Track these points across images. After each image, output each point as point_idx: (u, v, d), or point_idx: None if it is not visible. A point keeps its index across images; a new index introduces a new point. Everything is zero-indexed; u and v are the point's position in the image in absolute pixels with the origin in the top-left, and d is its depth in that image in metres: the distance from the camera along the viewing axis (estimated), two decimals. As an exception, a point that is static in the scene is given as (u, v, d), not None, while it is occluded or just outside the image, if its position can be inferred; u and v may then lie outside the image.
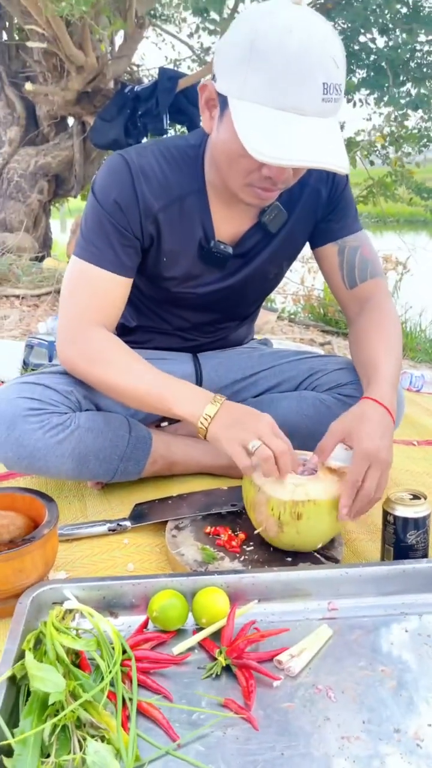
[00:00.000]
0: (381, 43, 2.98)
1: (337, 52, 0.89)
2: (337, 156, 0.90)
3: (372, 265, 1.22)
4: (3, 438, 1.11)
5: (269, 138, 0.87)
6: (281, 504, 0.97)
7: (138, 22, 3.44)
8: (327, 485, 0.99)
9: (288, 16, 0.88)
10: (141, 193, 1.07)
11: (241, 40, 0.89)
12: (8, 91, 3.76)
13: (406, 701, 0.78)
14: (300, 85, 0.86)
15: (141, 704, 0.76)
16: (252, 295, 1.31)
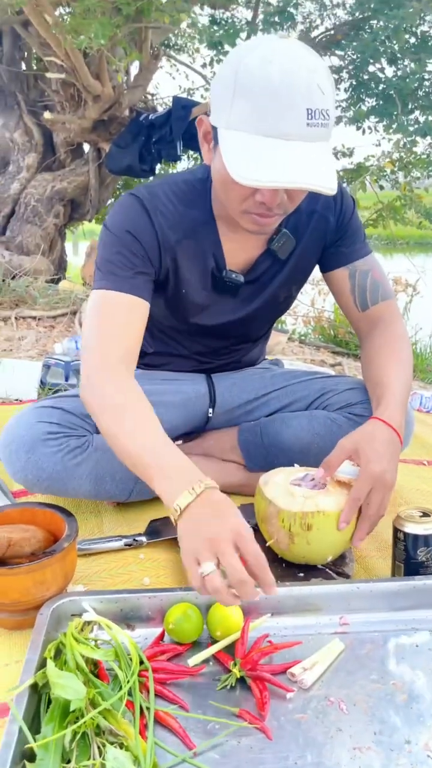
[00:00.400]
0: (390, 72, 3.07)
1: (322, 80, 0.90)
2: (323, 177, 0.90)
3: (383, 288, 1.24)
4: (23, 462, 1.14)
5: (252, 162, 0.89)
6: (291, 515, 1.00)
7: (153, 54, 3.54)
8: (336, 497, 1.02)
9: (272, 48, 0.90)
10: (159, 226, 1.09)
11: (227, 74, 0.92)
12: (27, 119, 3.87)
13: (416, 713, 0.80)
14: (282, 111, 0.88)
15: (158, 713, 0.79)
16: (264, 319, 1.33)
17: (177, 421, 1.33)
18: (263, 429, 1.32)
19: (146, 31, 3.24)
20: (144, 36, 3.29)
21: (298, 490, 1.03)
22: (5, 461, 1.17)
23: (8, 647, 0.94)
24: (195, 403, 1.35)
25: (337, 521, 1.00)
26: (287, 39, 0.93)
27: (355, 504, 1.01)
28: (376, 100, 3.06)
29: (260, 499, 1.07)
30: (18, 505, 1.07)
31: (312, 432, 1.27)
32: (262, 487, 1.07)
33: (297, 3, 2.86)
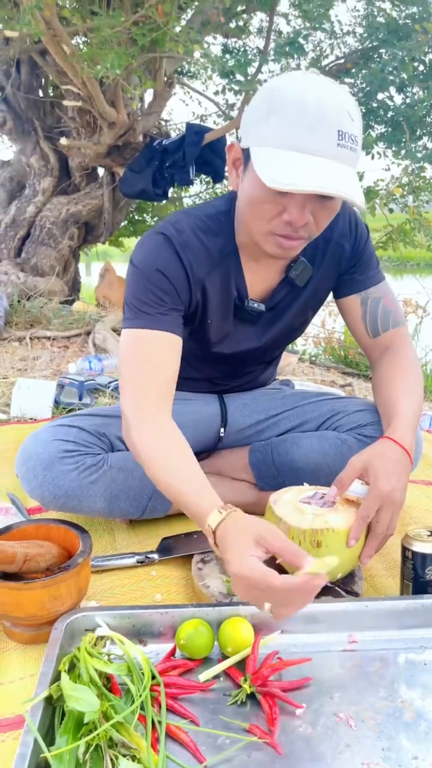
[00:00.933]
0: (399, 100, 3.14)
1: (352, 108, 0.95)
2: (350, 187, 0.93)
3: (394, 315, 1.26)
4: (40, 479, 1.17)
5: (283, 169, 0.92)
6: (301, 533, 1.00)
7: (167, 81, 3.63)
8: (346, 515, 1.03)
9: (305, 79, 0.96)
10: (188, 263, 1.10)
11: (262, 97, 0.97)
12: (43, 144, 3.96)
13: (424, 731, 0.81)
14: (315, 129, 0.92)
15: (169, 727, 0.80)
16: (280, 344, 1.36)
17: (189, 440, 1.35)
18: (274, 449, 1.34)
19: (161, 60, 3.33)
20: (158, 65, 3.38)
21: (307, 508, 1.04)
22: (22, 478, 1.20)
23: (23, 661, 0.96)
24: (207, 422, 1.37)
25: (346, 539, 1.01)
26: (316, 74, 0.98)
27: (364, 521, 1.02)
28: (385, 127, 3.12)
29: (270, 516, 1.07)
30: (34, 521, 1.09)
31: (322, 452, 1.29)
32: (272, 505, 1.08)
33: (307, 34, 2.94)
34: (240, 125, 1.06)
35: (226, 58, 3.26)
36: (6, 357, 2.87)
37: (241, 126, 1.03)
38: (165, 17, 2.54)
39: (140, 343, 1.08)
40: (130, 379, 1.07)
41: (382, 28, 2.82)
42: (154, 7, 2.54)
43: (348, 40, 3.58)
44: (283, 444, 1.33)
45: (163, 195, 3.66)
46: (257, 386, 1.45)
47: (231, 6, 2.99)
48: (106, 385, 2.30)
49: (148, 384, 1.06)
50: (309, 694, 0.87)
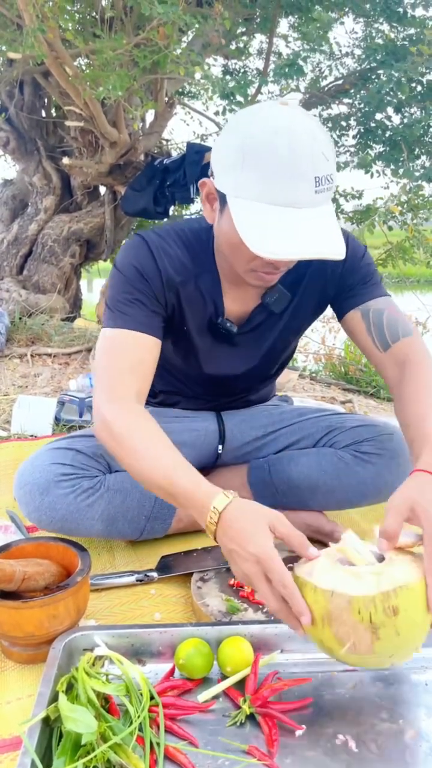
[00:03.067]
0: (397, 120, 3.18)
1: (325, 147, 0.93)
2: (333, 244, 0.93)
3: (402, 324, 1.19)
4: (37, 503, 1.17)
5: (267, 234, 0.91)
6: (369, 602, 0.75)
7: (168, 102, 3.68)
8: (408, 565, 0.81)
9: (275, 117, 0.93)
10: (163, 266, 1.12)
11: (233, 143, 0.94)
12: (46, 163, 4.01)
13: (425, 751, 0.80)
14: (292, 182, 0.91)
15: (168, 749, 0.79)
16: (267, 368, 1.35)
17: (188, 458, 1.33)
18: (272, 466, 1.34)
19: (162, 81, 3.38)
20: (159, 86, 3.42)
21: (359, 568, 0.81)
22: (20, 502, 1.19)
23: (21, 681, 0.95)
24: (205, 440, 1.37)
25: (423, 594, 0.78)
26: (287, 106, 0.96)
27: None
28: (383, 147, 3.16)
29: (311, 595, 0.80)
30: (33, 539, 1.09)
31: (320, 469, 1.29)
32: (307, 578, 0.81)
33: (306, 56, 2.99)
34: (212, 162, 1.02)
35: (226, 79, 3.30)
36: (7, 374, 2.87)
37: (213, 163, 1.00)
38: (166, 40, 2.58)
39: (117, 342, 1.08)
40: (105, 373, 1.06)
41: (380, 49, 2.87)
42: (156, 30, 2.58)
43: (346, 61, 3.64)
44: (281, 461, 1.33)
45: (164, 213, 3.69)
46: (255, 403, 1.45)
47: (231, 29, 3.04)
48: (107, 402, 2.29)
49: (124, 379, 1.05)
50: (309, 715, 0.86)
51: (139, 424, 1.01)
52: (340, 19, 3.26)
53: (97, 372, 1.09)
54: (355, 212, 3.77)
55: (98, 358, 1.11)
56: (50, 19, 2.58)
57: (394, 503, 0.88)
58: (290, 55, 3.02)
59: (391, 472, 1.25)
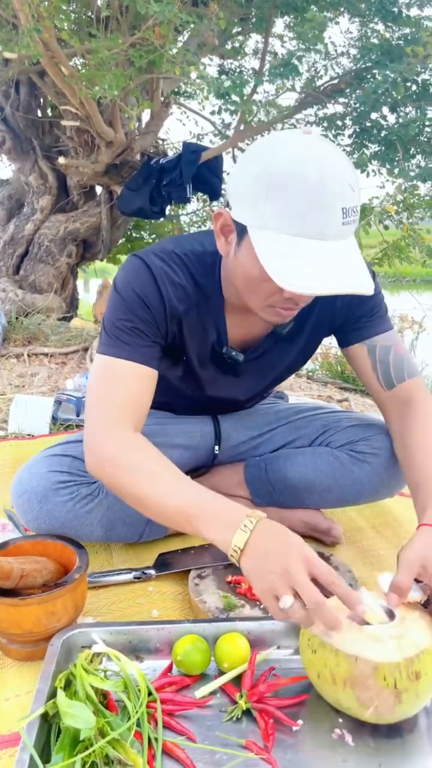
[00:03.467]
0: (392, 119, 3.18)
1: (351, 178, 0.89)
2: (361, 278, 0.90)
3: (408, 364, 1.18)
4: (36, 511, 1.16)
5: (294, 267, 0.87)
6: (395, 668, 0.78)
7: (164, 102, 3.68)
8: (423, 626, 0.85)
9: (301, 146, 0.89)
10: (166, 294, 1.07)
11: (256, 172, 0.89)
12: (42, 163, 4.01)
13: (420, 746, 0.81)
14: (321, 213, 0.87)
15: (166, 744, 0.80)
16: (270, 390, 1.34)
17: (185, 459, 1.36)
18: (268, 465, 1.34)
19: (158, 81, 3.38)
20: (155, 85, 3.43)
21: (378, 631, 0.82)
22: (19, 510, 1.19)
23: (19, 678, 0.96)
24: (201, 441, 1.37)
25: None
26: (311, 135, 0.92)
27: None
28: (379, 146, 3.16)
29: (331, 657, 0.81)
30: (31, 537, 1.10)
31: (315, 469, 1.29)
32: (327, 640, 0.82)
33: (301, 56, 2.99)
34: (229, 193, 0.97)
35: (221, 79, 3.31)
36: (4, 373, 2.87)
37: (231, 194, 0.96)
38: (162, 39, 2.59)
39: (113, 371, 1.04)
40: (99, 402, 1.03)
41: (375, 49, 2.87)
42: (151, 30, 2.58)
43: (342, 61, 3.65)
44: (277, 460, 1.33)
45: (161, 213, 3.69)
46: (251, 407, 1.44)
47: (226, 28, 3.04)
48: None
49: (121, 411, 1.01)
50: (306, 710, 0.87)
51: (141, 447, 0.98)
52: (335, 18, 3.26)
53: (92, 402, 1.04)
54: (351, 211, 3.77)
55: (93, 386, 1.05)
56: (46, 19, 2.58)
57: (405, 558, 0.89)
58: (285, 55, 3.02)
59: (387, 471, 1.26)
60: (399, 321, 4.74)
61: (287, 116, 3.70)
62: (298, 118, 3.78)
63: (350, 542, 1.39)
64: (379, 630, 0.82)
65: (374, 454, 1.26)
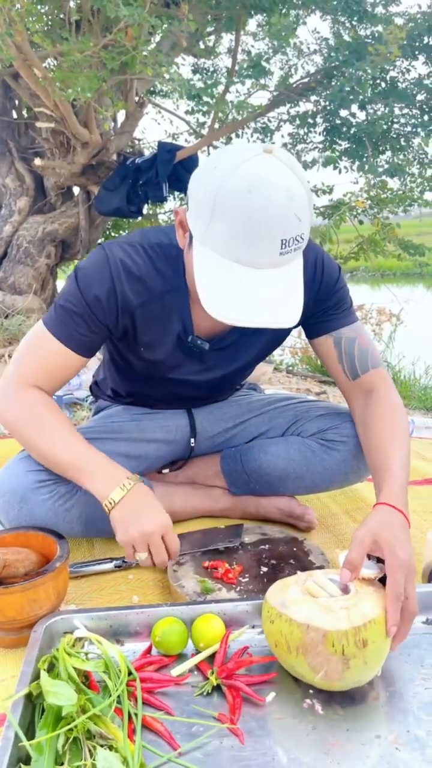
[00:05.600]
0: (362, 116, 3.25)
1: (300, 207, 0.91)
2: (286, 312, 0.93)
3: (372, 354, 1.22)
4: (17, 511, 1.18)
5: (223, 295, 0.92)
6: (342, 635, 0.83)
7: (138, 102, 3.71)
8: (374, 598, 0.89)
9: (254, 171, 0.89)
10: (121, 290, 1.10)
11: (207, 189, 0.92)
12: (18, 165, 4.02)
13: (387, 711, 0.86)
14: (257, 244, 0.90)
15: (145, 718, 0.84)
16: (239, 379, 1.38)
17: (162, 453, 1.40)
18: (243, 456, 1.39)
19: (131, 81, 3.41)
20: (129, 86, 3.46)
21: (332, 602, 0.87)
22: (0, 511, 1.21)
23: (4, 664, 0.99)
24: (177, 435, 1.41)
25: (383, 626, 0.86)
26: (270, 155, 0.92)
27: (399, 600, 0.88)
28: (349, 143, 3.23)
29: (286, 626, 0.86)
30: (12, 529, 1.13)
31: (288, 458, 1.34)
32: (282, 610, 0.88)
33: (269, 57, 3.04)
34: (188, 194, 0.99)
35: (193, 80, 3.35)
36: (-15, 375, 2.89)
37: (189, 195, 0.98)
38: (133, 41, 2.62)
39: (46, 346, 1.14)
40: (24, 367, 1.16)
41: (342, 48, 2.93)
42: (123, 32, 2.62)
43: (315, 59, 3.70)
44: (251, 451, 1.38)
45: (138, 212, 3.73)
46: (224, 399, 1.48)
47: (198, 29, 3.08)
48: (84, 399, 2.33)
49: (38, 374, 1.15)
50: (279, 683, 0.91)
51: (47, 404, 1.14)
52: (303, 18, 3.32)
53: (17, 360, 1.17)
54: (326, 207, 3.84)
55: (24, 348, 1.17)
56: (18, 23, 2.60)
57: (358, 536, 0.94)
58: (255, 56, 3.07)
59: (356, 457, 1.30)
60: (377, 314, 4.82)
61: (260, 114, 3.75)
62: (270, 116, 3.82)
63: (324, 527, 1.44)
64: (331, 602, 0.87)
65: (343, 442, 1.30)
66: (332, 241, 3.60)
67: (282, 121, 3.86)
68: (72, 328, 1.12)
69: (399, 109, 3.02)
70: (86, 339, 1.13)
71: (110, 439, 1.33)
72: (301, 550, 1.24)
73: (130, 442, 1.35)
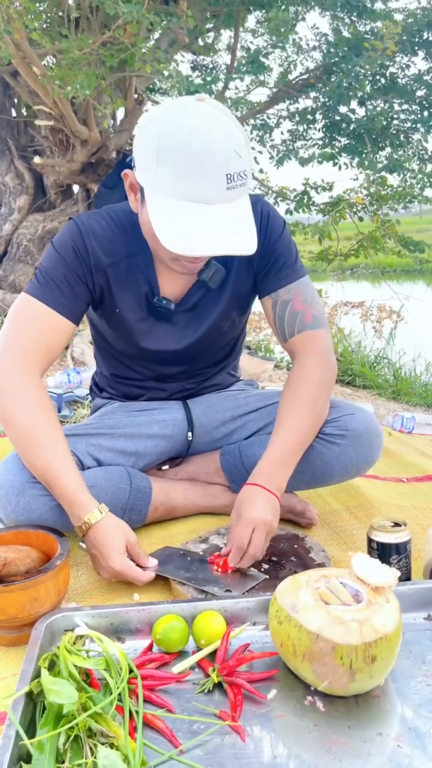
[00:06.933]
0: (361, 112, 3.24)
1: (238, 145, 0.97)
2: (243, 240, 0.99)
3: (302, 318, 1.24)
4: (14, 505, 1.18)
5: (180, 230, 0.97)
6: (352, 650, 0.82)
7: (137, 99, 3.71)
8: (387, 613, 0.87)
9: (190, 116, 0.96)
10: (91, 248, 1.17)
11: (150, 139, 0.98)
12: (18, 163, 4.02)
13: (388, 709, 0.86)
14: (203, 180, 0.95)
15: (146, 716, 0.84)
16: (213, 346, 1.38)
17: (160, 448, 1.40)
18: (242, 452, 1.39)
19: (130, 79, 3.41)
20: (128, 83, 3.45)
21: (345, 613, 0.86)
22: None
23: (5, 662, 0.99)
24: (174, 429, 1.41)
25: (396, 642, 0.86)
26: (203, 102, 0.99)
27: (240, 550, 1.10)
28: (348, 139, 3.22)
29: (294, 631, 0.86)
30: (13, 527, 1.13)
31: (287, 453, 1.33)
32: (292, 614, 0.87)
33: (268, 53, 3.03)
34: (134, 155, 1.06)
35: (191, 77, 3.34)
36: (-15, 374, 2.89)
37: (134, 155, 1.04)
38: (132, 38, 2.61)
39: (33, 313, 1.15)
40: (15, 338, 1.15)
41: (341, 44, 2.92)
42: (122, 29, 2.61)
43: (314, 55, 3.69)
44: (251, 447, 1.38)
45: (137, 210, 3.72)
46: (219, 389, 1.49)
47: (197, 26, 3.07)
48: (85, 397, 2.33)
49: (32, 350, 1.14)
50: (280, 681, 0.91)
51: (38, 403, 1.12)
52: (303, 14, 3.31)
53: (5, 336, 1.16)
54: (326, 204, 3.84)
55: (12, 320, 1.17)
56: (16, 21, 2.59)
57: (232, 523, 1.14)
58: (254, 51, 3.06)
59: (355, 450, 1.30)
60: (378, 311, 4.81)
61: (259, 111, 3.74)
62: (269, 113, 3.82)
63: (325, 524, 1.44)
64: (343, 611, 0.86)
65: (342, 436, 1.30)
66: (331, 238, 3.59)
67: (281, 117, 3.85)
68: (56, 291, 1.15)
69: (399, 105, 3.02)
70: (70, 301, 1.17)
71: (107, 435, 1.33)
72: (302, 546, 1.24)
73: (127, 438, 1.35)
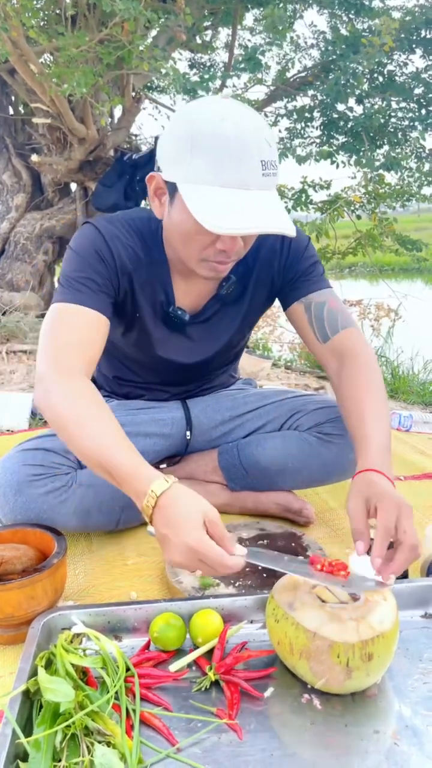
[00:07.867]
0: (359, 110, 3.24)
1: (268, 135, 0.98)
2: (283, 221, 0.97)
3: (342, 316, 1.23)
4: (12, 504, 1.18)
5: (220, 212, 0.95)
6: (349, 648, 0.82)
7: (135, 97, 3.70)
8: (385, 610, 0.87)
9: (219, 107, 0.98)
10: (116, 252, 1.14)
11: (181, 132, 0.97)
12: (15, 161, 4.01)
13: (385, 706, 0.86)
14: (241, 164, 0.95)
15: (143, 714, 0.84)
16: (223, 359, 1.38)
17: (159, 447, 1.40)
18: (240, 451, 1.39)
19: (128, 77, 3.40)
20: (126, 81, 3.44)
21: (341, 611, 0.86)
22: None
23: (1, 661, 0.99)
24: (172, 428, 1.41)
25: (393, 640, 0.86)
26: (228, 99, 1.01)
27: (388, 534, 0.89)
28: (346, 137, 3.22)
29: (291, 629, 0.86)
30: (10, 526, 1.13)
31: (286, 452, 1.33)
32: (289, 612, 0.87)
33: (264, 51, 3.03)
34: (159, 157, 1.05)
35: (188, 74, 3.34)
36: (-17, 372, 2.89)
37: (160, 157, 1.03)
38: (129, 36, 2.60)
39: (67, 316, 1.09)
40: (51, 344, 1.06)
41: (340, 41, 2.92)
42: (119, 26, 2.60)
43: (313, 53, 3.69)
44: (249, 446, 1.38)
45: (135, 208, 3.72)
46: (217, 389, 1.49)
47: (195, 23, 3.07)
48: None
49: (70, 351, 1.05)
50: (277, 679, 0.91)
51: (84, 394, 1.00)
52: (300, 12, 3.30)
53: (44, 343, 1.07)
54: (324, 202, 3.83)
55: (46, 329, 1.09)
56: (13, 18, 2.59)
57: (351, 507, 0.96)
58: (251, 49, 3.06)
59: (353, 450, 1.29)
60: (376, 309, 4.81)
61: (257, 109, 3.74)
62: (267, 111, 3.81)
63: (322, 522, 1.44)
64: (340, 609, 0.86)
65: (340, 435, 1.30)
66: (329, 236, 3.59)
67: (279, 115, 3.85)
68: (82, 289, 1.10)
69: (396, 102, 3.02)
70: (98, 295, 1.11)
71: None
72: (300, 545, 1.24)
73: None
